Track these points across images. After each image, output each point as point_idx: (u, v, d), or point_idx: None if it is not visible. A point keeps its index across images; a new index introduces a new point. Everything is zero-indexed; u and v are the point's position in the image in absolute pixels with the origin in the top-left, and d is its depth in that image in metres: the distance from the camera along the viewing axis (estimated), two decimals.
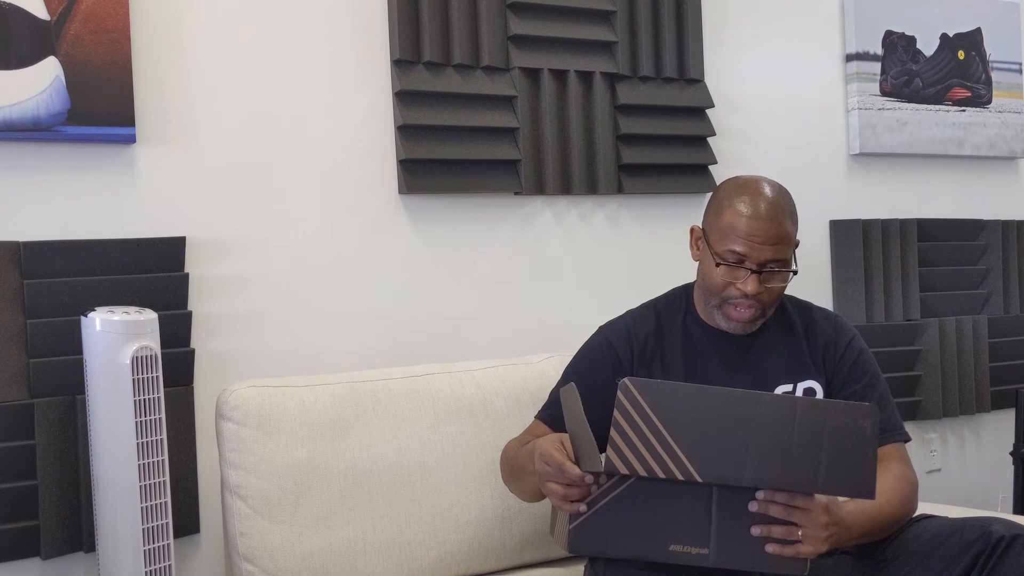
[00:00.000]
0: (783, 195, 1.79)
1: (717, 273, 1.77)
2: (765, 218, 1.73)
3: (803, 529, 1.54)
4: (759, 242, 1.73)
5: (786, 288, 1.79)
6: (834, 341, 1.88)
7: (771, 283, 1.76)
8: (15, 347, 1.94)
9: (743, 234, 1.73)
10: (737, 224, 1.74)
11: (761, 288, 1.75)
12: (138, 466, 1.80)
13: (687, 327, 1.88)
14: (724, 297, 1.79)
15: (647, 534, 1.55)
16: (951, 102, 3.26)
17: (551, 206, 2.60)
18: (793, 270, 1.78)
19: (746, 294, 1.75)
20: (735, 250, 1.74)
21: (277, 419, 1.91)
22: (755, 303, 1.77)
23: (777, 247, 1.74)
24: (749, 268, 1.74)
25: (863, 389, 1.85)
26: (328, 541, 1.90)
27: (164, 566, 1.84)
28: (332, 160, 2.31)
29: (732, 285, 1.76)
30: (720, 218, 1.77)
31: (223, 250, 2.18)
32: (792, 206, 1.79)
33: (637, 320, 1.91)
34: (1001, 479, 3.32)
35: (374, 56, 2.36)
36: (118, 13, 2.02)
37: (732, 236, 1.74)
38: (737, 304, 1.77)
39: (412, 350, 2.38)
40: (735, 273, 1.75)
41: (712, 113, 2.82)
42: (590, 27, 2.60)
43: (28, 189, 1.99)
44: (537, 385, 2.17)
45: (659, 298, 1.96)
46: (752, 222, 1.73)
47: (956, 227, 3.29)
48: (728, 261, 1.75)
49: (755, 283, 1.74)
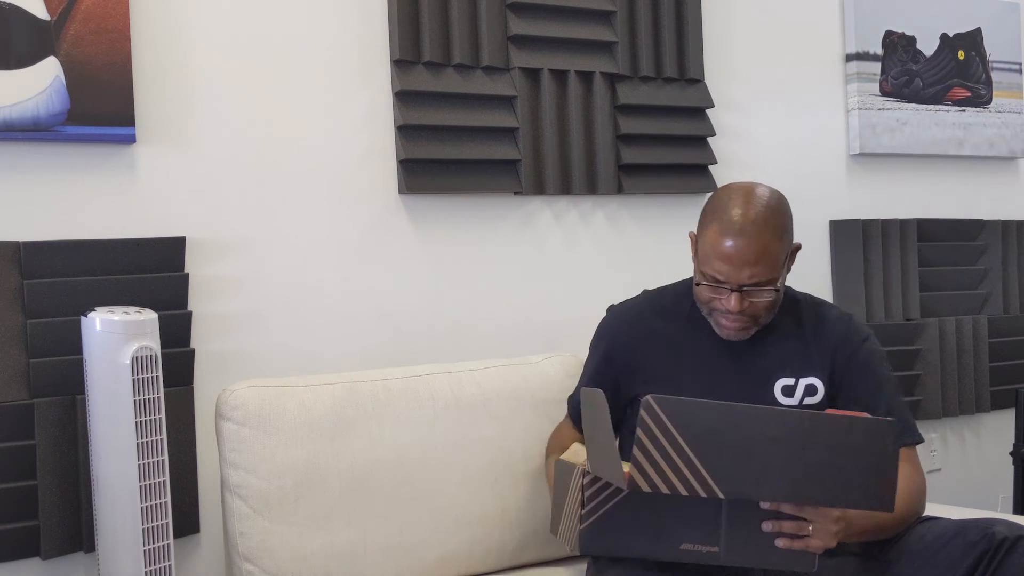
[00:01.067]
0: (769, 209, 1.73)
1: (701, 288, 1.78)
2: (743, 240, 1.69)
3: (813, 524, 1.55)
4: (737, 264, 1.70)
5: (774, 301, 1.77)
6: (845, 340, 1.86)
7: (755, 298, 1.74)
8: (15, 347, 1.94)
9: (721, 257, 1.71)
10: (716, 247, 1.71)
11: (744, 304, 1.74)
12: (138, 466, 1.80)
13: (693, 317, 1.89)
14: (711, 309, 1.80)
15: (657, 534, 1.55)
16: (951, 102, 3.26)
17: (551, 206, 2.60)
18: (776, 288, 1.74)
19: (729, 311, 1.75)
20: (714, 275, 1.73)
21: (277, 419, 1.91)
22: (742, 317, 1.76)
23: (755, 269, 1.70)
24: (729, 288, 1.73)
25: (868, 390, 1.83)
26: (328, 541, 1.90)
27: (164, 566, 1.84)
28: (332, 160, 2.31)
29: (716, 300, 1.77)
30: (704, 235, 1.76)
31: (223, 250, 2.18)
32: (780, 218, 1.74)
33: (647, 302, 1.95)
34: (1001, 479, 3.32)
35: (374, 56, 2.36)
36: (118, 13, 2.02)
37: (712, 258, 1.73)
38: (724, 318, 1.78)
39: (412, 350, 2.38)
40: (717, 291, 1.75)
41: (712, 113, 2.82)
42: (590, 27, 2.60)
43: (28, 189, 1.99)
44: (537, 385, 2.17)
45: (670, 285, 1.99)
46: (729, 245, 1.70)
47: (955, 227, 3.29)
48: (708, 282, 1.75)
49: (736, 301, 1.73)
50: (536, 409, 2.14)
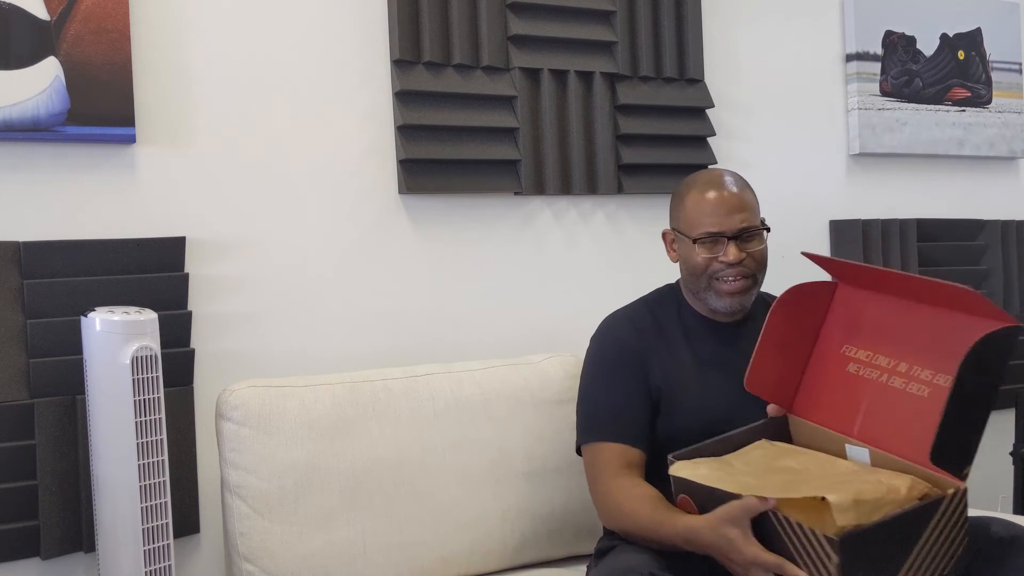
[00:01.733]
0: (734, 174, 1.90)
1: (698, 253, 1.84)
2: (726, 191, 1.85)
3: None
4: (726, 212, 1.83)
5: (765, 249, 1.87)
6: None
7: (750, 247, 1.85)
8: (15, 347, 1.94)
9: (710, 210, 1.84)
10: (702, 205, 1.85)
11: (742, 254, 1.83)
12: (138, 466, 1.80)
13: (684, 318, 1.93)
14: (711, 274, 1.85)
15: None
16: (951, 102, 3.26)
17: (551, 206, 2.60)
18: (766, 227, 1.87)
19: (731, 263, 1.82)
20: (708, 229, 1.84)
21: (277, 419, 1.91)
22: (742, 270, 1.84)
23: (744, 214, 1.84)
24: (726, 237, 1.82)
25: None
26: (328, 541, 1.90)
27: (164, 566, 1.84)
28: (332, 160, 2.31)
29: (715, 259, 1.83)
30: (684, 209, 1.89)
31: (223, 250, 2.18)
32: (745, 180, 1.90)
33: (633, 315, 1.95)
34: (1001, 479, 3.32)
35: (374, 56, 2.36)
36: (118, 13, 2.02)
37: (701, 217, 1.84)
38: (725, 278, 1.84)
39: (412, 350, 2.38)
40: (714, 247, 1.84)
41: (712, 113, 2.82)
42: (590, 27, 2.60)
43: (28, 189, 1.99)
44: (537, 385, 2.17)
45: (646, 296, 2.01)
46: (715, 197, 1.84)
47: (956, 227, 3.29)
48: (705, 239, 1.84)
49: (735, 250, 1.83)
50: (536, 409, 2.14)
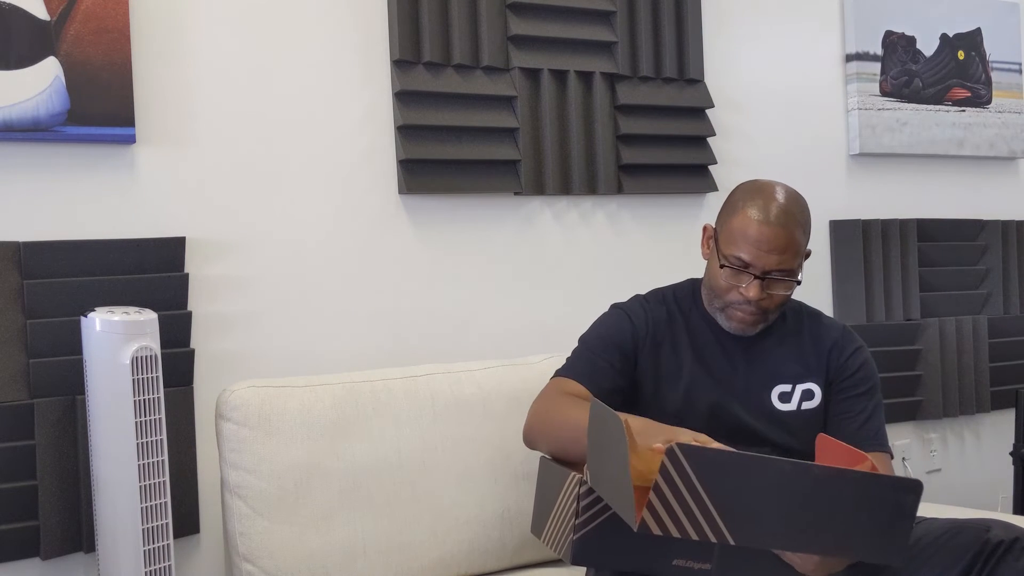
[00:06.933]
0: (797, 204, 1.78)
1: (721, 275, 1.78)
2: (775, 225, 1.73)
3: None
4: (765, 249, 1.73)
5: (789, 296, 1.80)
6: (840, 346, 1.89)
7: (774, 290, 1.77)
8: (15, 347, 1.94)
9: (751, 240, 1.73)
10: (747, 229, 1.74)
11: (763, 295, 1.76)
12: (138, 466, 1.80)
13: (695, 321, 1.89)
14: (727, 301, 1.80)
15: (650, 548, 1.53)
16: (951, 102, 3.26)
17: (551, 206, 2.60)
18: (797, 280, 1.77)
19: (748, 300, 1.76)
20: (740, 256, 1.75)
21: (277, 419, 1.91)
22: (756, 309, 1.78)
23: (783, 256, 1.74)
24: (752, 274, 1.75)
25: (861, 395, 1.86)
26: (328, 541, 1.90)
27: (164, 566, 1.84)
28: (332, 160, 2.31)
29: (735, 289, 1.77)
30: (731, 220, 1.78)
31: (223, 250, 2.18)
32: (805, 215, 1.79)
33: (650, 304, 1.92)
34: (1001, 479, 3.32)
35: (374, 56, 2.36)
36: (118, 13, 2.01)
37: (740, 240, 1.75)
38: (739, 308, 1.79)
39: (412, 350, 2.37)
40: (739, 277, 1.76)
41: (712, 113, 2.82)
42: (590, 27, 2.60)
43: (28, 189, 1.99)
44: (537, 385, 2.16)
45: (668, 288, 1.97)
46: (761, 228, 1.73)
47: (956, 227, 3.29)
48: (733, 265, 1.76)
49: (757, 289, 1.75)
50: None
